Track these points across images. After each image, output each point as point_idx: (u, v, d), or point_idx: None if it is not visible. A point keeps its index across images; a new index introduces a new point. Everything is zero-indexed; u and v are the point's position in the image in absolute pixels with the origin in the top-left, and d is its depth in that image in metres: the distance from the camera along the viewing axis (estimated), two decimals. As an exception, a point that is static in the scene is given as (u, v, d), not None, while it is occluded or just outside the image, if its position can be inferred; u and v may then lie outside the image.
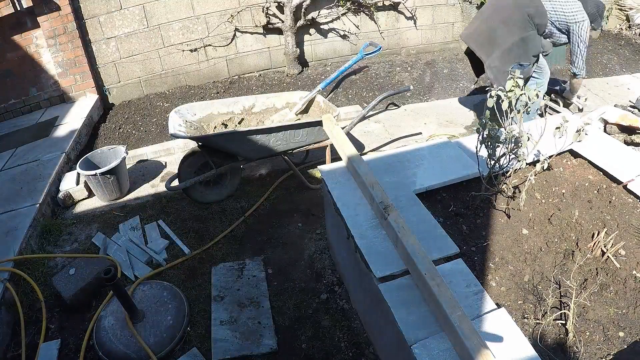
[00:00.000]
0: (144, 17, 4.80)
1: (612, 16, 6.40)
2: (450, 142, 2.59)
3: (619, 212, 2.08)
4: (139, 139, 4.35)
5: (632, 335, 1.59)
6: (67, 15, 4.41)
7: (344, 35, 5.63)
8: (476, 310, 1.57)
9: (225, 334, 2.30)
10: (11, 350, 2.34)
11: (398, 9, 5.65)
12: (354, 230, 1.96)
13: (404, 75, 5.36)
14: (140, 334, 2.24)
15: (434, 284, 1.53)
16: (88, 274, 2.58)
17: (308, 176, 3.60)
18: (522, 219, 2.08)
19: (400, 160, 2.42)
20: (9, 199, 3.25)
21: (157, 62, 5.07)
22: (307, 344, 2.28)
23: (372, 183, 2.06)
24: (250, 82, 5.33)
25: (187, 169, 3.08)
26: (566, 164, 2.44)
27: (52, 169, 3.56)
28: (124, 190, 3.47)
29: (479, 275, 1.79)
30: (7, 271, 2.58)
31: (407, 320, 1.57)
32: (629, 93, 4.54)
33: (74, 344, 2.35)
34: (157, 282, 2.58)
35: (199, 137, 2.92)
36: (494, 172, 2.06)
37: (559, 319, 1.65)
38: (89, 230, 3.15)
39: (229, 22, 5.11)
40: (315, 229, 3.02)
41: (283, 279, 2.67)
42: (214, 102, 3.34)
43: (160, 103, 4.97)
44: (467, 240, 1.99)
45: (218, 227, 3.09)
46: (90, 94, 4.86)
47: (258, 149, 3.03)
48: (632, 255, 1.86)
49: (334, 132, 2.74)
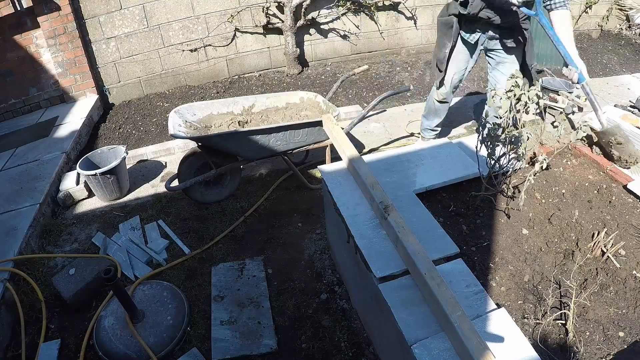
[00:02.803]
0: (144, 17, 4.80)
1: (612, 16, 6.40)
2: (450, 142, 2.59)
3: (619, 212, 2.08)
4: (139, 139, 4.35)
5: (632, 335, 1.59)
6: (67, 15, 4.41)
7: (344, 35, 5.63)
8: (476, 310, 1.57)
9: (225, 334, 2.30)
10: (11, 350, 2.34)
11: (398, 9, 5.65)
12: (354, 230, 1.95)
13: (404, 75, 5.36)
14: (140, 334, 2.24)
15: (434, 284, 1.53)
16: (88, 274, 2.58)
17: (308, 176, 3.60)
18: (522, 219, 2.08)
19: (400, 160, 2.42)
20: (9, 199, 3.26)
21: (157, 62, 5.07)
22: (307, 344, 2.28)
23: (372, 183, 2.06)
24: (250, 82, 5.33)
25: (187, 169, 3.08)
26: (566, 164, 2.44)
27: (52, 169, 3.57)
28: (124, 190, 3.47)
29: (479, 275, 1.79)
30: (7, 271, 2.58)
31: (407, 320, 1.57)
32: (629, 93, 4.54)
33: (74, 344, 2.35)
34: (157, 282, 2.58)
35: (199, 138, 2.92)
36: (494, 172, 2.06)
37: (559, 319, 1.65)
38: (89, 230, 3.15)
39: (229, 22, 5.11)
40: (315, 229, 3.02)
41: (283, 279, 2.67)
42: (213, 102, 3.34)
43: (160, 103, 4.97)
44: (467, 240, 1.99)
45: (218, 227, 3.09)
46: (90, 94, 4.86)
47: (258, 149, 3.03)
48: (632, 255, 1.86)
49: (334, 132, 2.74)
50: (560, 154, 2.48)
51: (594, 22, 6.38)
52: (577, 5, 6.18)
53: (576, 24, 6.19)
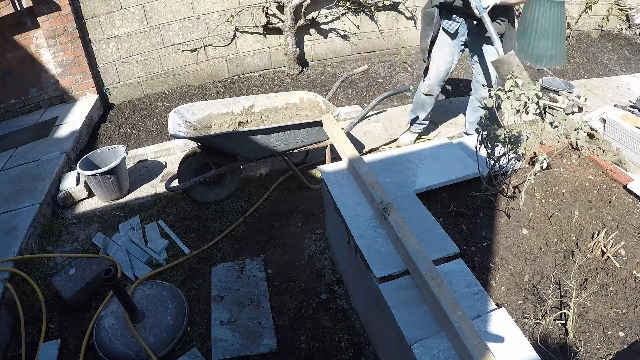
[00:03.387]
0: (144, 17, 4.80)
1: (612, 16, 6.40)
2: (450, 142, 2.59)
3: (619, 212, 2.08)
4: (139, 139, 4.35)
5: (632, 335, 1.59)
6: (67, 15, 4.41)
7: (344, 35, 5.63)
8: (476, 310, 1.57)
9: (225, 334, 2.30)
10: (11, 350, 2.34)
11: (398, 9, 5.65)
12: (354, 230, 1.96)
13: (404, 75, 5.36)
14: (140, 334, 2.24)
15: (434, 284, 1.54)
16: (88, 274, 2.58)
17: (308, 176, 3.60)
18: (522, 219, 2.08)
19: (400, 160, 2.42)
20: (9, 199, 3.25)
21: (157, 62, 5.07)
22: (307, 344, 2.28)
23: (372, 183, 2.06)
24: (250, 82, 5.33)
25: (187, 169, 3.08)
26: (566, 164, 2.44)
27: (52, 169, 3.56)
28: (124, 190, 3.47)
29: (479, 275, 1.79)
30: (7, 271, 2.58)
31: (407, 320, 1.57)
32: (629, 93, 4.54)
33: (74, 344, 2.35)
34: (157, 282, 2.58)
35: (199, 138, 2.92)
36: (493, 172, 2.06)
37: (559, 319, 1.65)
38: (89, 230, 3.15)
39: (229, 22, 5.11)
40: (315, 229, 3.02)
41: (283, 279, 2.67)
42: (213, 102, 3.33)
43: (160, 103, 4.97)
44: (467, 240, 1.99)
45: (218, 227, 3.09)
46: (90, 94, 4.86)
47: (258, 149, 3.03)
48: (632, 255, 1.86)
49: (334, 132, 2.74)
50: (560, 154, 2.48)
51: (594, 22, 6.38)
52: (577, 5, 6.18)
53: (576, 24, 6.19)
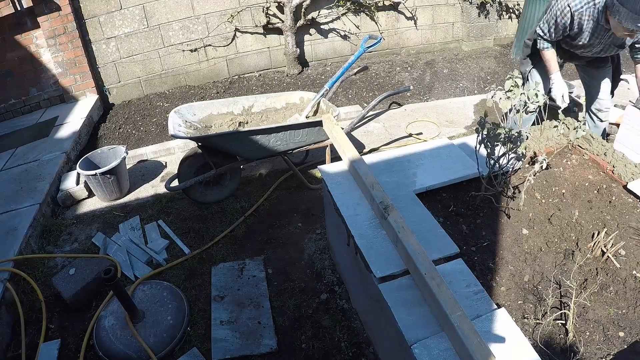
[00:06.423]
0: (144, 17, 4.80)
1: (612, 16, 6.39)
2: (450, 142, 2.59)
3: (619, 212, 2.08)
4: (139, 139, 4.35)
5: (632, 335, 1.59)
6: (67, 15, 4.42)
7: (344, 35, 5.63)
8: (476, 310, 1.57)
9: (225, 334, 2.30)
10: (11, 350, 2.34)
11: (398, 9, 5.66)
12: (354, 230, 1.96)
13: (404, 75, 5.36)
14: (140, 334, 2.24)
15: (434, 284, 1.53)
16: (88, 274, 2.58)
17: (308, 176, 3.59)
18: (522, 219, 2.08)
19: (400, 160, 2.42)
20: (9, 199, 3.26)
21: (157, 62, 5.08)
22: (307, 344, 2.28)
23: (372, 183, 2.06)
24: (250, 82, 5.34)
25: (187, 169, 3.08)
26: (566, 164, 2.44)
27: (52, 169, 3.57)
28: (124, 190, 3.47)
29: (479, 275, 1.79)
30: (7, 271, 2.58)
31: (407, 320, 1.57)
32: (629, 93, 4.53)
33: (74, 344, 2.35)
34: (157, 282, 2.58)
35: (199, 138, 2.92)
36: (493, 172, 2.06)
37: (559, 319, 1.65)
38: (89, 230, 3.15)
39: (229, 22, 5.11)
40: (315, 229, 3.02)
41: (283, 279, 2.67)
42: (213, 102, 3.34)
43: (160, 103, 4.97)
44: (467, 240, 1.99)
45: (218, 227, 3.09)
46: (90, 94, 4.86)
47: (258, 149, 3.03)
48: (632, 255, 1.86)
49: (334, 132, 2.74)
50: (560, 154, 2.48)
51: (594, 22, 6.37)
52: (577, 5, 6.17)
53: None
